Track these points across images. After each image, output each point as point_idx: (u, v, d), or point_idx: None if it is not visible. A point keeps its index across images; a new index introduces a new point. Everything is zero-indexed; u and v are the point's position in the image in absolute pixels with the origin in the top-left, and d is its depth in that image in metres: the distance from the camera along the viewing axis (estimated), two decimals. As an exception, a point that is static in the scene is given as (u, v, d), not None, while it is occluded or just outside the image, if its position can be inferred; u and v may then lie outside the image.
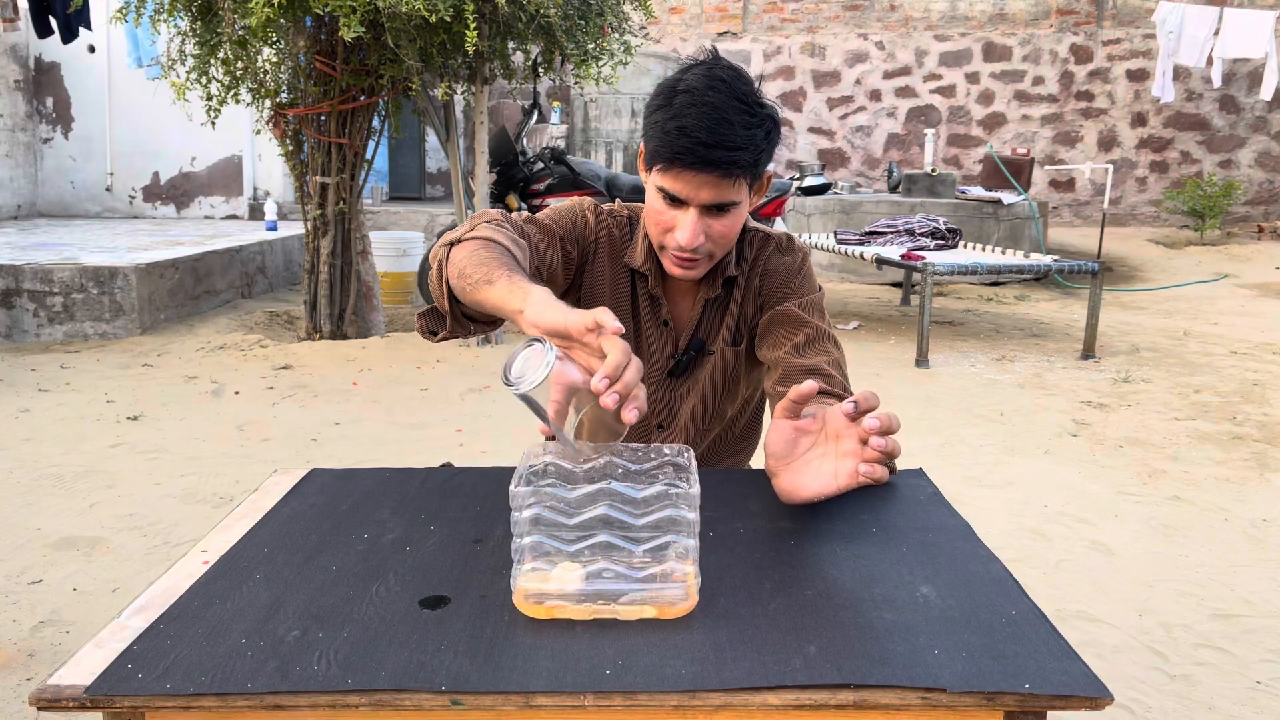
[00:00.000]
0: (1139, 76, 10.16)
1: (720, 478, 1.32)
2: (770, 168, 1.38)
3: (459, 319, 1.25)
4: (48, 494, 3.12)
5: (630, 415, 0.98)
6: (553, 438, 1.06)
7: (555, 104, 9.80)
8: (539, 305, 1.06)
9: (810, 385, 1.07)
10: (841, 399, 1.18)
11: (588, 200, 1.52)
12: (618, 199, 1.87)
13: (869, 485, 1.27)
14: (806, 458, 1.12)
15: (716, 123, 1.24)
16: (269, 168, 8.59)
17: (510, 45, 5.06)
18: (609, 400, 0.95)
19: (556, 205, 1.51)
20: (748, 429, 1.64)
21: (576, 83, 5.05)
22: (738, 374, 1.52)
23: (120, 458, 3.46)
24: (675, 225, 1.33)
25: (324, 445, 3.63)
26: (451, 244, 1.25)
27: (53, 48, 8.13)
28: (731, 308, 1.49)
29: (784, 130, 10.58)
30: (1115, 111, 10.27)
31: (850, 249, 5.85)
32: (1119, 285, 7.71)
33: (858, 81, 10.49)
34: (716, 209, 1.31)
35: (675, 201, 1.31)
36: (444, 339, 1.29)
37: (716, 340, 1.50)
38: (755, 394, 1.60)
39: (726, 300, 1.49)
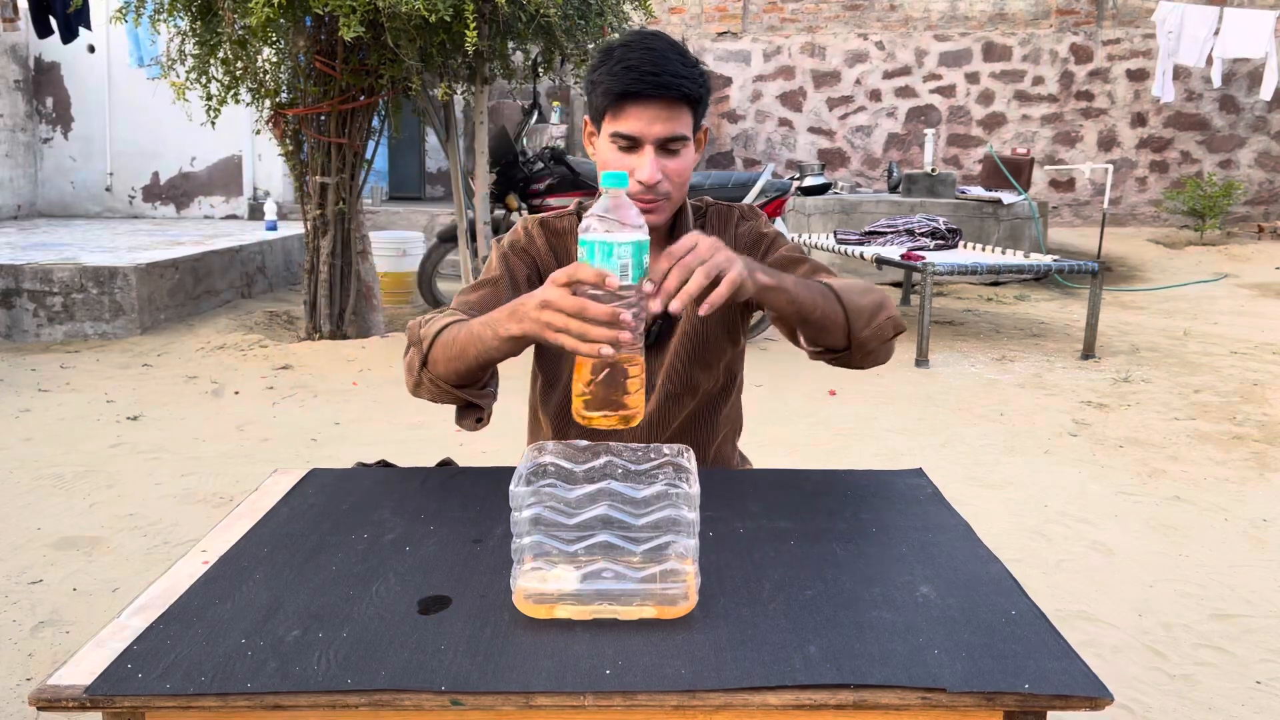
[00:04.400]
0: (1139, 76, 10.15)
1: (720, 478, 1.32)
2: (707, 125, 1.44)
3: (475, 398, 1.31)
4: (48, 494, 3.11)
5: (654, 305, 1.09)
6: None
7: (555, 104, 9.80)
8: (506, 312, 1.16)
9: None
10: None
11: (527, 220, 1.53)
12: None
13: (868, 485, 1.28)
14: None
15: (659, 57, 1.34)
16: (269, 168, 8.59)
17: (510, 45, 5.06)
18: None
19: (500, 243, 1.52)
20: (721, 403, 1.58)
21: (576, 83, 5.05)
22: (707, 340, 1.50)
23: (120, 458, 3.46)
24: (634, 170, 1.37)
25: (324, 445, 3.63)
26: (424, 353, 1.29)
27: (53, 48, 8.12)
28: None
29: (784, 130, 10.63)
30: (1115, 111, 10.26)
31: (850, 249, 5.85)
32: (1119, 285, 7.70)
33: (858, 81, 10.49)
34: (669, 146, 1.36)
35: (630, 145, 1.36)
36: (482, 419, 1.34)
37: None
38: (733, 365, 1.57)
39: None
